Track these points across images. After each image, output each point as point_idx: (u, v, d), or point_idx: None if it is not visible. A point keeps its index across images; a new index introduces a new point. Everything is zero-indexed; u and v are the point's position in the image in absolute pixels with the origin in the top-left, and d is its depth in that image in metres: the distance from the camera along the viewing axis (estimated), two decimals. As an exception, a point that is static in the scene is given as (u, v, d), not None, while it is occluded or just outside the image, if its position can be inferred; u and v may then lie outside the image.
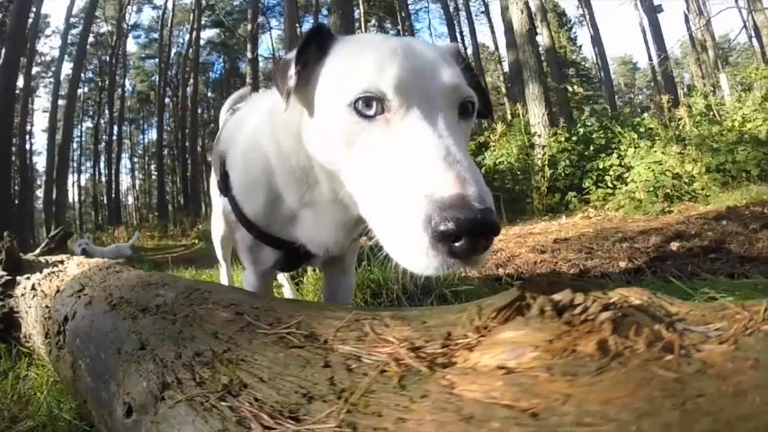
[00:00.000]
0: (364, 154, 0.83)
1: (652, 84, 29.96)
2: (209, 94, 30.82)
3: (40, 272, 1.74)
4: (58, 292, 1.44)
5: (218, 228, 2.08)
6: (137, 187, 35.39)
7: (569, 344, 0.43)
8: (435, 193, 0.67)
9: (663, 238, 3.42)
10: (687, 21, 19.56)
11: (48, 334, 1.38)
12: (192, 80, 25.07)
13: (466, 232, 0.64)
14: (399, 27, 25.77)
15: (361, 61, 0.87)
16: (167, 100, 26.82)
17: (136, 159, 34.17)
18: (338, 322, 0.66)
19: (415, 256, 0.68)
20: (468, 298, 2.03)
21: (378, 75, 0.82)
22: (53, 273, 1.67)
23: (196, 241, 14.19)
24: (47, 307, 1.45)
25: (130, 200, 36.08)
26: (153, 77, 28.69)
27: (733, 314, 0.46)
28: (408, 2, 27.05)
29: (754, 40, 17.42)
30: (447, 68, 0.86)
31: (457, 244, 0.65)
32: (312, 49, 0.94)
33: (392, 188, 0.74)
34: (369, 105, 0.83)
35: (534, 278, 2.73)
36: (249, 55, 21.11)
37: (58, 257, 1.97)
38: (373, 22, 26.41)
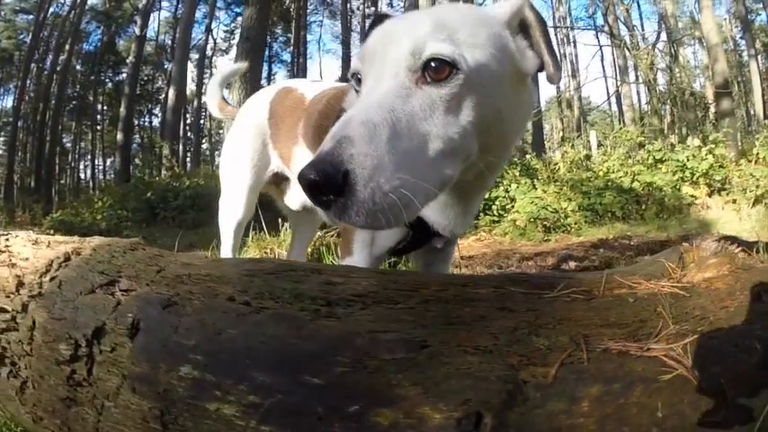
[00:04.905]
0: None
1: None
2: (78, 67, 27.03)
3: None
4: (20, 285, 0.97)
5: (235, 211, 1.80)
6: (-23, 162, 30.02)
7: (734, 260, 0.83)
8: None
9: (557, 259, 3.86)
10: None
11: (8, 360, 0.93)
12: (67, 47, 22.22)
13: (303, 187, 0.70)
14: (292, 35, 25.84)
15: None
16: (32, 65, 23.22)
17: (-18, 128, 29.05)
18: (596, 282, 0.85)
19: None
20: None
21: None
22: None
23: (52, 231, 12.49)
24: (4, 310, 0.95)
25: (-32, 175, 30.54)
26: (22, 36, 24.57)
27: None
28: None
29: (614, 105, 20.59)
30: (414, 31, 0.82)
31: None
32: None
33: None
34: (359, 81, 0.89)
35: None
36: (138, 32, 19.19)
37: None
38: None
